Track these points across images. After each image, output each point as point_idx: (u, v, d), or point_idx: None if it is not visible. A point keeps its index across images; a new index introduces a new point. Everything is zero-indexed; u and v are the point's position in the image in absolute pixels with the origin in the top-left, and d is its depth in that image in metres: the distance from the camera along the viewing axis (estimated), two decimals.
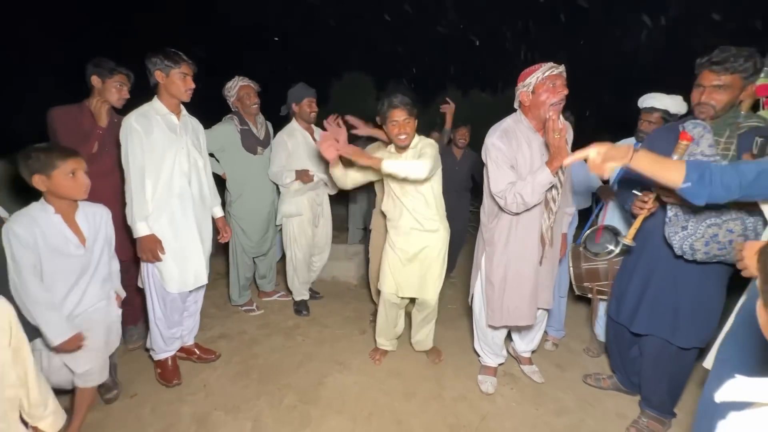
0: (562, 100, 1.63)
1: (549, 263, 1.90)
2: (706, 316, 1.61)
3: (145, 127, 1.77)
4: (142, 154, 1.77)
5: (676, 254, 1.53)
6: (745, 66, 1.37)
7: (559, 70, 1.62)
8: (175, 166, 1.86)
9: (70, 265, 1.54)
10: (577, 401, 2.05)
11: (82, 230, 1.58)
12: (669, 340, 1.66)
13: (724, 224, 1.40)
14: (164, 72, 1.79)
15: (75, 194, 1.51)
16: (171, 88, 1.82)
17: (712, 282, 1.58)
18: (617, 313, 1.85)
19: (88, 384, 1.59)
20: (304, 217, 2.72)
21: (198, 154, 2.00)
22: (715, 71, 1.41)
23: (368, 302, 3.15)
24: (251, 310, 2.88)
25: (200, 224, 2.00)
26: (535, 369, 2.23)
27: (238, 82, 2.58)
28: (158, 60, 1.78)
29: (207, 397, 1.98)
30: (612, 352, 2.11)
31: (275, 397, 1.99)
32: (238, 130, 2.56)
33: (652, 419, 1.83)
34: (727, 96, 1.41)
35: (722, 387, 0.54)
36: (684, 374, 1.75)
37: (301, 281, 2.89)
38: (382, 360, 2.33)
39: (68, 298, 1.57)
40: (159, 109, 1.85)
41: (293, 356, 2.35)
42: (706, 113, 1.46)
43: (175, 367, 2.09)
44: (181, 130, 1.91)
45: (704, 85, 1.45)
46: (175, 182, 1.87)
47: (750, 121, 1.45)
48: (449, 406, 1.98)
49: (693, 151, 1.43)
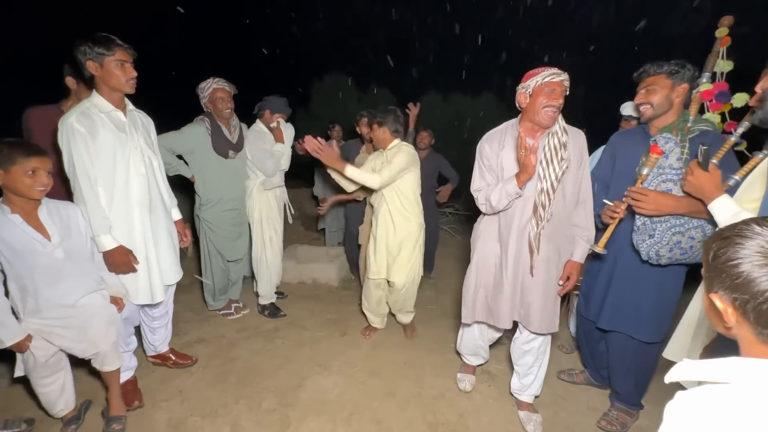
0: (557, 108, 1.57)
1: (542, 280, 1.70)
2: (665, 312, 1.71)
3: (89, 128, 1.57)
4: (89, 159, 1.59)
5: (642, 259, 1.62)
6: (667, 68, 1.55)
7: (560, 78, 1.56)
8: (130, 169, 1.70)
9: (44, 262, 1.50)
10: (551, 396, 2.12)
11: (46, 227, 1.52)
12: (632, 335, 1.75)
13: (686, 232, 1.51)
14: (97, 62, 1.57)
15: (29, 193, 1.44)
16: (109, 79, 1.60)
17: (671, 280, 1.68)
18: (586, 310, 1.94)
19: (105, 367, 1.72)
20: (273, 213, 2.76)
21: (152, 153, 1.84)
22: (642, 78, 1.62)
23: (350, 304, 3.15)
24: (229, 313, 2.83)
25: (168, 228, 1.93)
26: (531, 417, 1.88)
27: (212, 84, 2.44)
28: (87, 48, 1.54)
29: (183, 402, 1.94)
30: (583, 348, 2.20)
31: (254, 400, 1.97)
32: (208, 132, 2.43)
33: (621, 411, 1.91)
34: (657, 95, 1.58)
35: (671, 369, 0.58)
36: (649, 367, 1.84)
37: (276, 283, 2.91)
38: (372, 335, 2.66)
39: (58, 290, 1.54)
40: (101, 105, 1.63)
41: (272, 359, 2.33)
42: (645, 113, 1.63)
43: (135, 388, 1.95)
44: (131, 128, 1.72)
45: (638, 91, 1.65)
46: (132, 188, 1.71)
47: (699, 125, 1.58)
48: (428, 405, 2.01)
49: (662, 164, 1.52)
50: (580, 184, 1.69)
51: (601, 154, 1.95)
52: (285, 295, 3.24)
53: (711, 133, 1.55)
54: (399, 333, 2.71)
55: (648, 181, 1.54)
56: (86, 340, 1.62)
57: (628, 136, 1.80)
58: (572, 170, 1.64)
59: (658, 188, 1.51)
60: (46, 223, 1.52)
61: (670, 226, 1.51)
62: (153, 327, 2.12)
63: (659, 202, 1.46)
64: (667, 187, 1.50)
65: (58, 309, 1.55)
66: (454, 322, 2.88)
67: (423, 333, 2.73)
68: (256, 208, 2.72)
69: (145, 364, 2.19)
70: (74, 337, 1.60)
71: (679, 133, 1.55)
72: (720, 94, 1.75)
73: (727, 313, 0.60)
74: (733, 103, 1.77)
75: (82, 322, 1.60)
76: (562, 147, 1.58)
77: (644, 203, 1.47)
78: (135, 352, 2.00)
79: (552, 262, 1.70)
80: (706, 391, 0.54)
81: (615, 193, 1.70)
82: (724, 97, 1.76)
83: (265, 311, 2.89)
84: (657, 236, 1.53)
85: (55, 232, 1.53)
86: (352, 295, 3.38)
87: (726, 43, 1.72)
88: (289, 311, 2.94)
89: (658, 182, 1.52)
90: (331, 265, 3.63)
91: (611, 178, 1.79)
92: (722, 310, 0.61)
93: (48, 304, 1.53)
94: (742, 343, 0.61)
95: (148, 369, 2.17)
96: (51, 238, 1.52)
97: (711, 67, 1.73)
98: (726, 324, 0.61)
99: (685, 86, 1.56)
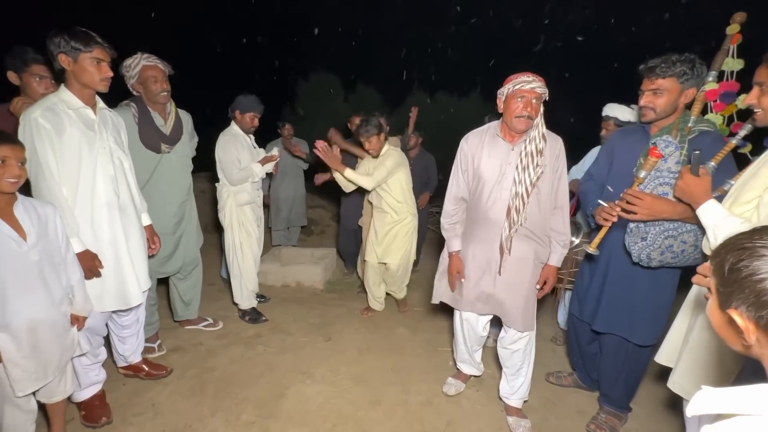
0: (525, 118, 1.55)
1: (517, 280, 1.72)
2: (659, 314, 1.68)
3: (54, 124, 1.48)
4: (54, 156, 1.49)
5: (633, 261, 1.59)
6: (679, 70, 1.45)
7: (531, 86, 1.52)
8: (98, 169, 1.60)
9: (17, 265, 1.34)
10: (540, 400, 2.08)
11: (23, 225, 1.37)
12: (626, 338, 1.72)
13: (679, 236, 1.47)
14: (71, 56, 1.50)
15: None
16: (82, 76, 1.53)
17: (665, 281, 1.65)
18: (580, 311, 1.90)
19: (54, 398, 1.52)
20: (245, 216, 2.66)
21: (123, 154, 1.75)
22: (650, 77, 1.51)
23: (335, 307, 3.07)
24: (151, 349, 2.29)
25: (141, 232, 1.83)
26: (521, 423, 1.84)
27: (140, 60, 2.01)
28: (62, 41, 1.47)
29: (155, 417, 1.82)
30: (573, 349, 2.17)
31: (232, 412, 1.87)
32: (135, 120, 2.04)
33: (610, 414, 1.88)
34: (664, 99, 1.50)
35: (692, 401, 0.52)
36: (640, 370, 1.81)
37: (251, 288, 2.78)
38: (371, 315, 2.96)
39: (29, 300, 1.36)
40: (69, 101, 1.54)
41: (253, 367, 2.23)
42: (647, 116, 1.56)
43: (103, 404, 1.80)
44: (100, 127, 1.64)
45: (643, 90, 1.55)
46: (99, 189, 1.61)
47: (700, 126, 1.52)
48: (415, 412, 1.94)
49: (660, 167, 1.48)
50: (557, 190, 1.70)
51: (598, 152, 1.92)
52: (267, 298, 3.13)
53: (711, 134, 1.50)
54: (385, 337, 2.65)
55: (645, 183, 1.50)
56: (40, 367, 1.39)
57: (628, 134, 1.75)
58: (548, 176, 1.65)
59: (654, 191, 1.48)
60: (23, 221, 1.37)
61: (663, 230, 1.48)
62: (123, 336, 1.99)
63: (654, 207, 1.42)
64: (664, 190, 1.47)
65: (25, 324, 1.36)
66: (441, 324, 2.82)
67: (409, 336, 2.67)
68: (227, 209, 2.61)
69: (116, 375, 2.06)
70: (28, 364, 1.37)
71: (679, 133, 1.50)
72: (725, 94, 1.69)
73: (748, 331, 0.55)
74: (738, 104, 1.70)
75: (43, 343, 1.40)
76: (538, 154, 1.60)
77: (639, 207, 1.43)
78: (104, 364, 1.88)
79: (527, 262, 1.72)
80: (736, 427, 0.48)
81: (611, 193, 1.66)
82: (730, 97, 1.70)
83: (245, 317, 2.78)
84: (649, 239, 1.50)
85: (32, 231, 1.38)
86: (337, 298, 3.30)
87: (737, 41, 1.61)
88: (272, 315, 2.84)
89: (654, 185, 1.48)
90: (316, 267, 3.54)
91: (608, 178, 1.75)
92: (743, 327, 0.55)
93: (17, 317, 1.34)
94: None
95: (118, 381, 2.04)
96: (27, 238, 1.36)
97: (719, 65, 1.63)
98: (745, 342, 0.56)
99: (694, 91, 1.50)
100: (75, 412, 1.78)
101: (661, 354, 1.46)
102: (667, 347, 1.44)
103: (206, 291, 2.87)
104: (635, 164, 1.60)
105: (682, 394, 1.30)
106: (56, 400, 1.53)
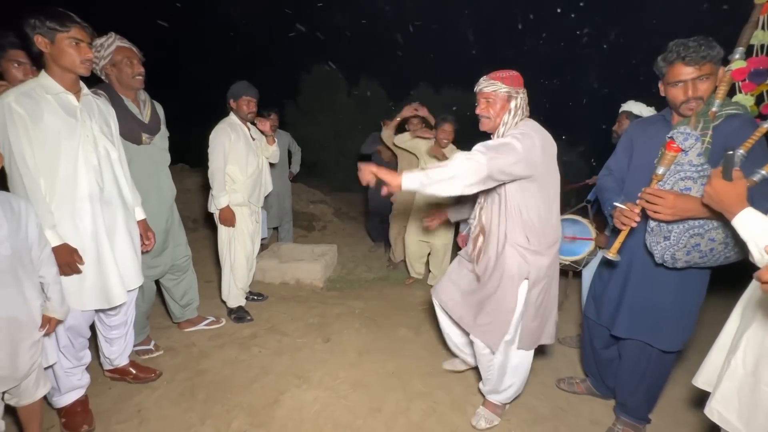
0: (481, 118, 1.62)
1: (481, 291, 1.71)
2: (687, 317, 1.53)
3: (31, 111, 1.40)
4: (30, 145, 1.40)
5: (656, 262, 1.45)
6: (714, 53, 1.33)
7: (478, 88, 1.62)
8: (79, 159, 1.51)
9: None
10: (551, 408, 1.94)
11: None
12: (651, 343, 1.58)
13: (706, 234, 1.32)
14: (47, 37, 1.41)
15: None
16: (60, 58, 1.44)
17: (693, 282, 1.50)
18: (597, 315, 1.76)
19: (24, 401, 1.41)
20: (244, 209, 2.56)
21: (110, 144, 1.64)
22: (691, 64, 1.35)
23: (334, 306, 2.95)
24: (148, 350, 2.21)
25: (128, 227, 1.72)
26: (480, 414, 1.81)
27: (114, 39, 1.85)
28: (37, 21, 1.39)
29: (140, 424, 1.72)
30: (587, 355, 2.02)
31: (222, 420, 1.76)
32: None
33: (627, 426, 1.74)
34: (711, 85, 1.37)
35: None
36: (662, 378, 1.67)
37: (241, 286, 2.67)
38: (412, 283, 3.45)
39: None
40: (49, 86, 1.46)
41: (247, 371, 2.12)
42: (696, 107, 1.39)
43: (86, 410, 1.70)
44: (83, 114, 1.54)
45: (684, 79, 1.38)
46: (81, 180, 1.52)
47: (727, 109, 1.37)
48: (417, 423, 1.82)
49: (680, 160, 1.34)
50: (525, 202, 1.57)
51: (617, 145, 1.76)
52: (265, 296, 3.02)
53: (740, 118, 1.35)
54: (386, 338, 2.53)
55: (664, 179, 1.35)
56: (8, 369, 1.30)
57: (647, 124, 1.60)
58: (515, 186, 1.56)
59: (675, 186, 1.33)
60: None
61: (687, 228, 1.33)
62: (110, 338, 1.89)
63: (678, 206, 1.27)
64: (686, 185, 1.32)
65: None
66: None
67: (412, 338, 2.55)
68: (232, 199, 2.51)
69: (102, 379, 1.96)
70: None
71: (702, 120, 1.35)
72: (755, 72, 1.52)
73: None
74: None
75: (10, 343, 1.30)
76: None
77: (661, 207, 1.29)
78: (89, 367, 1.77)
79: (490, 276, 1.65)
80: None
81: (630, 190, 1.51)
82: (760, 76, 1.53)
83: (231, 315, 2.67)
84: (673, 238, 1.35)
85: (4, 224, 1.27)
86: (337, 297, 3.18)
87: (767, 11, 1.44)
88: (269, 315, 2.73)
89: (675, 180, 1.33)
90: (316, 264, 3.42)
91: (627, 172, 1.60)
92: None
93: None
94: None
95: (104, 385, 1.94)
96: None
97: (746, 40, 1.45)
98: None
99: (723, 70, 1.38)
100: (56, 419, 1.68)
101: (699, 377, 1.24)
102: (706, 370, 1.22)
103: (203, 288, 2.78)
104: (656, 156, 1.46)
105: (722, 425, 1.12)
106: (25, 404, 1.42)
